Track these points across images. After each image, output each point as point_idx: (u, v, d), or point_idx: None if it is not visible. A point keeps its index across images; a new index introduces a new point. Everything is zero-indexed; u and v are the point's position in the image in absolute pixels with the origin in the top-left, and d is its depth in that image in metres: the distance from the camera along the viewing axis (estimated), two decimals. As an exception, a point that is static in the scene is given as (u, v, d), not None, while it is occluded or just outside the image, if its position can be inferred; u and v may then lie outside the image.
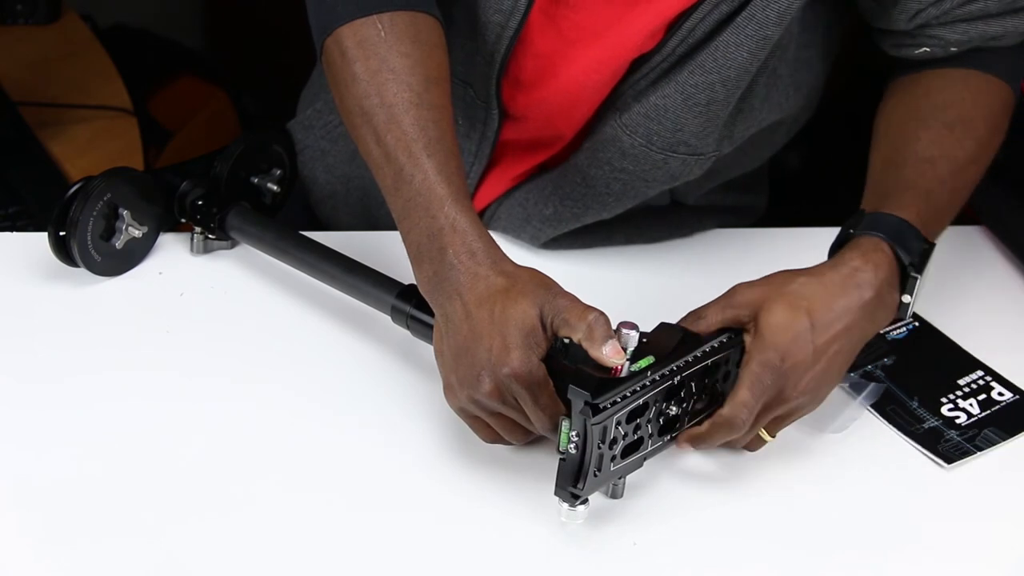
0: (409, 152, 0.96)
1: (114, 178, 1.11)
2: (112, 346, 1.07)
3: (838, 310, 0.97)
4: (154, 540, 0.91)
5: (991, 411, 1.10)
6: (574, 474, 0.87)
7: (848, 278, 0.98)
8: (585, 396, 0.85)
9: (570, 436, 0.87)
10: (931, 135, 1.10)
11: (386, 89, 0.98)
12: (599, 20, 1.08)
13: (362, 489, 0.97)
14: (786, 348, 0.94)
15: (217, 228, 1.16)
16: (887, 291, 1.00)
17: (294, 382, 1.05)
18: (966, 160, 1.10)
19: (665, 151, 1.13)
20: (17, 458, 0.96)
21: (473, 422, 0.95)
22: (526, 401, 0.90)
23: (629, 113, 1.12)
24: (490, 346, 0.89)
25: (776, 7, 1.04)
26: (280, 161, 1.26)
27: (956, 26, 1.10)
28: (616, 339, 0.88)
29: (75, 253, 1.09)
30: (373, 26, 1.00)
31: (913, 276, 1.01)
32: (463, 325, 0.91)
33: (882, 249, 1.00)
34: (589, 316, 0.89)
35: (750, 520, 0.98)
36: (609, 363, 0.88)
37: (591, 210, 1.20)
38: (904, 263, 1.01)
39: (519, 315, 0.90)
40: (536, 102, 1.16)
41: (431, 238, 0.94)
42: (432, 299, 0.96)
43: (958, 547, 0.98)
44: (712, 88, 1.08)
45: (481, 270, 0.92)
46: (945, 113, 1.11)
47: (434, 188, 0.95)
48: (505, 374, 0.89)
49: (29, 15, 1.84)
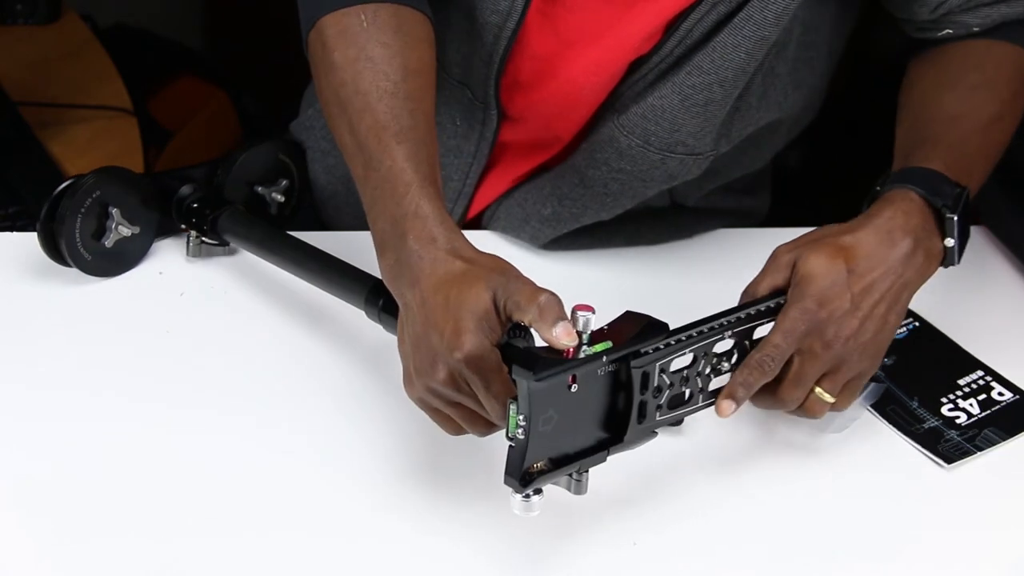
0: (379, 139, 0.95)
1: (104, 176, 1.11)
2: (112, 346, 1.07)
3: (875, 257, 0.97)
4: (154, 541, 0.91)
5: (991, 411, 1.10)
6: (521, 460, 0.84)
7: (880, 228, 0.98)
8: (528, 376, 0.82)
9: (518, 420, 0.84)
10: (955, 96, 1.11)
11: (362, 77, 0.97)
12: (597, 21, 1.08)
13: (361, 489, 0.97)
14: (822, 294, 0.94)
15: (210, 230, 1.15)
16: (925, 236, 0.99)
17: (294, 384, 1.05)
18: (990, 119, 1.10)
19: (663, 151, 1.13)
20: (16, 458, 0.96)
21: (434, 414, 0.93)
22: (478, 387, 0.87)
23: (627, 114, 1.12)
24: (443, 331, 0.87)
25: (774, 8, 1.04)
26: (287, 171, 1.25)
27: (979, 11, 1.12)
28: (568, 321, 0.85)
29: (64, 250, 1.09)
30: (356, 16, 0.99)
31: (949, 217, 1.00)
32: (420, 312, 0.89)
33: (910, 197, 1.00)
34: (540, 297, 0.85)
35: (750, 520, 0.98)
36: (559, 344, 0.84)
37: (590, 210, 1.20)
38: (936, 206, 1.00)
39: (472, 299, 0.87)
40: (534, 104, 1.16)
41: (394, 224, 0.93)
42: (393, 288, 0.94)
43: (958, 547, 0.98)
44: (710, 89, 1.09)
45: (440, 255, 0.90)
46: (968, 77, 1.12)
47: (400, 175, 0.94)
48: (457, 359, 0.86)
49: (29, 15, 1.84)
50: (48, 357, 1.06)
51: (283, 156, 1.25)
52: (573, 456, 0.88)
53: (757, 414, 1.06)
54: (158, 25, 2.20)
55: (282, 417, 1.02)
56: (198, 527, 0.92)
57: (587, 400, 0.87)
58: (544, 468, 0.86)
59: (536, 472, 0.85)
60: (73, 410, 1.01)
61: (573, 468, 0.88)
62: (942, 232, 1.01)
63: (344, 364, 1.08)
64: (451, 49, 1.15)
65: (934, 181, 1.01)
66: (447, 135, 1.20)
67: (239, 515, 0.93)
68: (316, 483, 0.97)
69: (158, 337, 1.09)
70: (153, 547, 0.90)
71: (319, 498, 0.96)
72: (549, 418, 0.85)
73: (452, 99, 1.18)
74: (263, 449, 0.99)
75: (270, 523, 0.93)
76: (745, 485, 1.00)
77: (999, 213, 1.30)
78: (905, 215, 0.99)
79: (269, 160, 1.24)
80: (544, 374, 0.83)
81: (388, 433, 1.01)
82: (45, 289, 1.12)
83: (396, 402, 1.03)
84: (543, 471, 0.86)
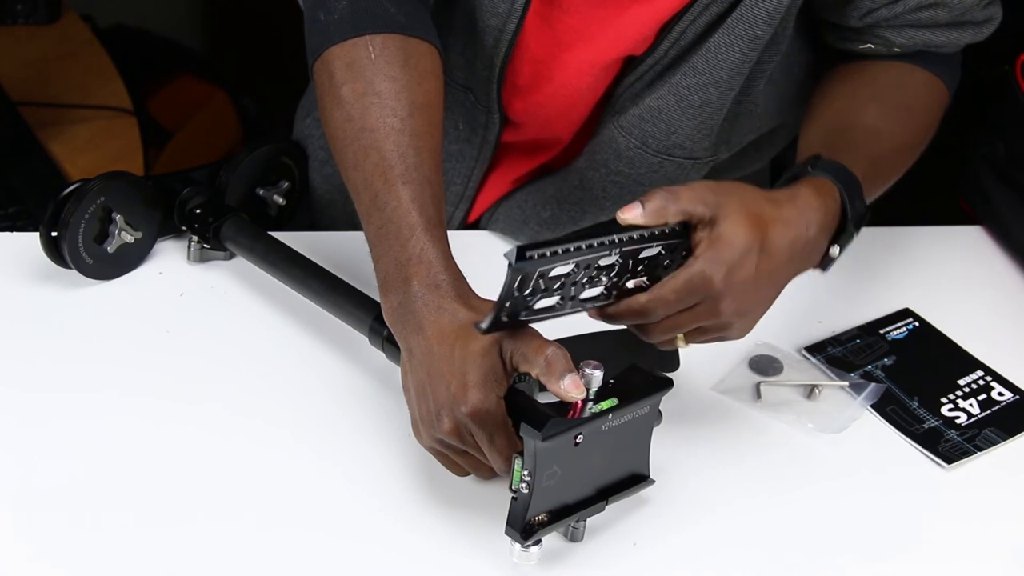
0: (385, 178, 0.94)
1: (110, 182, 1.10)
2: (111, 346, 1.07)
3: (788, 239, 0.93)
4: (154, 540, 0.91)
5: (991, 411, 1.10)
6: (523, 514, 0.85)
7: (801, 213, 0.95)
8: (537, 436, 0.83)
9: (522, 475, 0.85)
10: (879, 110, 1.10)
11: (369, 113, 0.96)
12: (591, 23, 1.08)
13: (363, 490, 0.97)
14: (734, 263, 0.89)
15: (212, 238, 1.15)
16: (824, 234, 0.97)
17: (294, 384, 1.05)
18: (904, 144, 1.10)
19: (660, 154, 1.13)
20: (16, 458, 0.96)
21: (442, 458, 0.93)
22: (483, 441, 0.87)
23: (626, 115, 1.12)
24: (449, 384, 0.87)
25: (765, 6, 1.04)
26: (289, 173, 1.25)
27: (904, 31, 1.12)
28: (576, 373, 0.86)
29: (66, 254, 1.09)
30: (364, 48, 0.98)
31: (850, 231, 0.99)
32: (425, 361, 0.89)
33: (834, 196, 0.98)
34: (547, 350, 0.86)
35: (750, 520, 0.98)
36: (568, 397, 0.85)
37: (588, 214, 1.20)
38: (847, 215, 0.98)
39: (478, 352, 0.87)
40: (534, 106, 1.16)
41: (398, 267, 0.92)
42: (396, 331, 0.93)
43: (958, 547, 0.98)
44: (705, 89, 1.09)
45: (445, 303, 0.90)
46: (892, 95, 1.12)
47: (405, 217, 0.93)
48: (463, 413, 0.86)
49: (29, 15, 1.84)
50: (47, 357, 1.05)
51: (286, 158, 1.25)
52: (573, 507, 0.89)
53: (757, 414, 1.06)
54: (158, 25, 2.20)
55: (282, 417, 1.02)
56: (198, 527, 0.92)
57: (590, 454, 0.88)
58: (545, 520, 0.87)
59: (537, 524, 0.87)
60: (72, 409, 1.01)
61: (572, 520, 0.90)
62: (834, 239, 0.99)
63: (344, 364, 1.08)
64: (454, 53, 1.15)
65: (853, 188, 0.99)
66: (450, 140, 1.20)
67: (239, 515, 0.93)
68: (316, 483, 0.97)
69: (158, 337, 1.09)
70: (153, 547, 0.90)
71: (319, 498, 0.96)
72: (553, 473, 0.86)
73: (455, 103, 1.18)
74: (263, 448, 0.99)
75: (270, 523, 0.93)
76: (744, 485, 1.00)
77: (999, 213, 1.30)
78: (824, 210, 0.96)
79: (271, 162, 1.23)
80: (551, 434, 0.84)
81: (388, 433, 1.01)
82: (45, 289, 1.12)
83: (396, 402, 1.03)
84: (544, 523, 0.87)
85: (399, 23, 1.00)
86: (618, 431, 0.89)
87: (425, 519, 0.95)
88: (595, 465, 0.89)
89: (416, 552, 0.92)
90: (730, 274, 0.89)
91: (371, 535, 0.93)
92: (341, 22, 0.99)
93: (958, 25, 1.12)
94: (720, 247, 0.89)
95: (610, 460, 0.90)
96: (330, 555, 0.91)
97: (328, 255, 1.13)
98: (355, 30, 0.99)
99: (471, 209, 1.25)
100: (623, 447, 0.91)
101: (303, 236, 1.18)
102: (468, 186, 1.22)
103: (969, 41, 1.14)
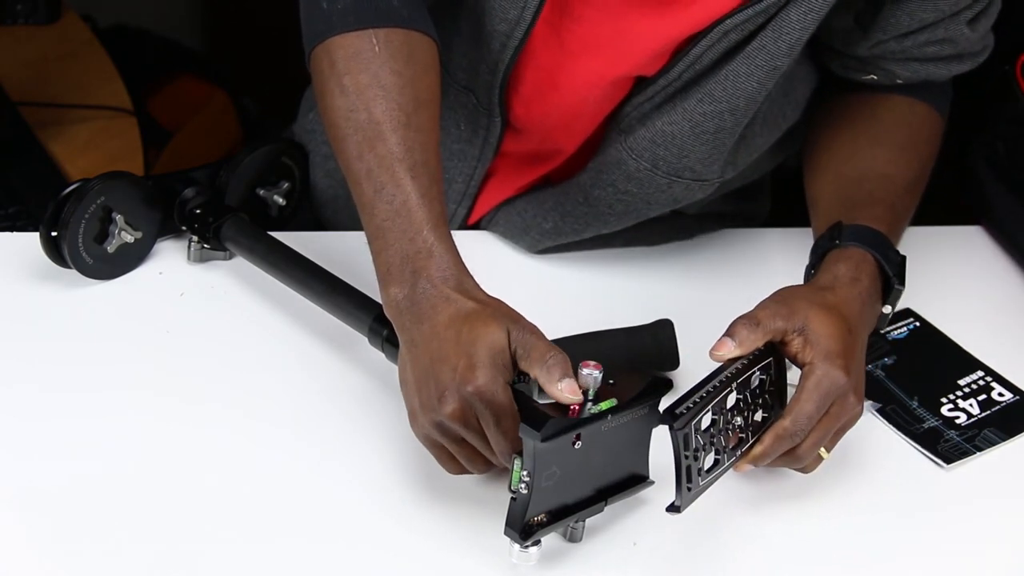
0: (392, 172, 0.95)
1: (111, 182, 1.10)
2: (111, 346, 1.07)
3: (860, 319, 0.98)
4: (154, 540, 0.91)
5: (991, 411, 1.10)
6: (523, 514, 0.86)
7: (851, 289, 0.99)
8: (536, 436, 0.83)
9: (521, 476, 0.85)
10: (885, 153, 1.14)
11: (375, 105, 0.97)
12: (600, 34, 1.07)
13: (364, 490, 0.97)
14: (842, 352, 0.94)
15: (212, 238, 1.15)
16: (875, 299, 1.01)
17: (294, 384, 1.05)
18: (914, 179, 1.14)
19: (670, 176, 1.13)
20: (16, 458, 0.96)
21: (438, 451, 0.93)
22: (488, 422, 0.87)
23: (635, 136, 1.12)
24: (456, 365, 0.87)
25: (787, 39, 1.04)
26: (289, 174, 1.25)
27: (909, 64, 1.13)
28: (573, 379, 0.87)
29: (66, 254, 1.09)
30: (367, 40, 0.98)
31: (898, 288, 1.02)
32: (430, 345, 0.90)
33: (869, 260, 1.02)
34: (549, 355, 0.87)
35: (749, 520, 0.98)
36: (565, 400, 0.86)
37: (591, 227, 1.20)
38: (888, 274, 1.02)
39: (487, 336, 0.88)
40: (537, 115, 1.16)
41: (405, 260, 0.93)
42: (398, 322, 0.94)
43: (957, 547, 0.98)
44: (720, 117, 1.09)
45: (453, 295, 0.91)
46: (896, 134, 1.16)
47: (414, 211, 0.94)
48: (469, 392, 0.86)
49: (29, 15, 1.84)
50: (47, 356, 1.05)
51: (286, 158, 1.25)
52: (572, 507, 0.89)
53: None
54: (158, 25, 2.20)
55: (282, 417, 1.02)
56: (198, 527, 0.92)
57: (589, 455, 0.88)
58: (544, 520, 0.87)
59: (536, 525, 0.87)
60: (72, 409, 1.01)
61: (572, 520, 0.90)
62: (884, 298, 1.03)
63: (344, 364, 1.08)
64: (457, 54, 1.15)
65: (883, 246, 1.03)
66: (451, 139, 1.20)
67: (239, 515, 0.93)
68: (316, 483, 0.97)
69: (158, 337, 1.09)
70: (153, 547, 0.90)
71: (319, 498, 0.96)
72: (552, 474, 0.86)
73: (457, 104, 1.18)
74: (263, 448, 0.99)
75: (270, 523, 0.93)
76: (744, 485, 1.00)
77: (999, 213, 1.30)
78: (869, 278, 1.01)
79: (271, 162, 1.23)
80: (550, 434, 0.84)
81: (388, 434, 1.01)
82: (45, 289, 1.12)
83: (396, 402, 1.03)
84: (543, 523, 0.87)
85: (402, 16, 1.00)
86: (617, 432, 0.89)
87: (424, 519, 0.95)
88: (594, 466, 0.89)
89: (415, 552, 0.92)
90: (847, 363, 0.93)
91: (370, 535, 0.93)
92: (344, 12, 0.99)
93: (958, 58, 1.14)
94: (824, 344, 0.93)
95: (609, 461, 0.90)
96: (330, 555, 0.91)
97: (328, 255, 1.13)
98: (359, 22, 0.99)
99: (472, 209, 1.25)
100: (622, 448, 0.91)
101: (303, 236, 1.18)
102: (470, 184, 1.22)
103: (965, 71, 1.16)
